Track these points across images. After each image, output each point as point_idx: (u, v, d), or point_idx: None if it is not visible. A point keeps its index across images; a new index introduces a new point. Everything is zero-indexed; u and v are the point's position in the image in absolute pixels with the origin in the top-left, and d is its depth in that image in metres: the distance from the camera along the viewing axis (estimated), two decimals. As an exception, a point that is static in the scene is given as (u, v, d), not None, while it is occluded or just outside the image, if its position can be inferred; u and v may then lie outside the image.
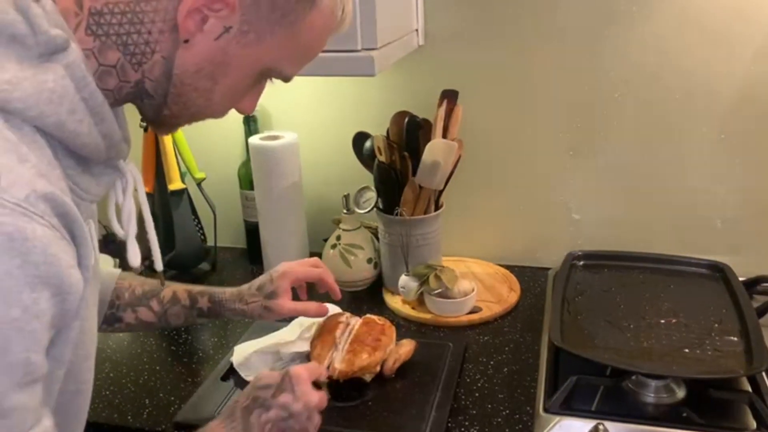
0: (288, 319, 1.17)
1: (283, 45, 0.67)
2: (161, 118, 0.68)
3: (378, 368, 1.10)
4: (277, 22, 0.65)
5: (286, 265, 1.08)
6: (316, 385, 0.89)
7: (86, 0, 0.60)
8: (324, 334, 1.13)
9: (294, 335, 1.16)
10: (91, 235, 0.67)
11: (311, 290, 1.14)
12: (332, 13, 0.69)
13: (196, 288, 1.05)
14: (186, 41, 0.62)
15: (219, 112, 0.70)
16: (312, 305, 1.07)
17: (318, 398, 0.86)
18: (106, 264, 1.46)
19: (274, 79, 0.72)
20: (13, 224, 0.50)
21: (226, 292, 1.06)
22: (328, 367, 1.07)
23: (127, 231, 0.72)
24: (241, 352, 1.16)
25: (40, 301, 0.52)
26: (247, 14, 0.63)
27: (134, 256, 0.72)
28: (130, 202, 0.72)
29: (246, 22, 0.63)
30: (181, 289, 1.04)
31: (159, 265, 0.80)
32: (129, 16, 0.61)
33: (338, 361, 1.07)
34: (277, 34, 0.65)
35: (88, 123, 0.59)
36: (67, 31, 0.58)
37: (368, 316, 1.18)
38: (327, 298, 1.12)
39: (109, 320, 1.00)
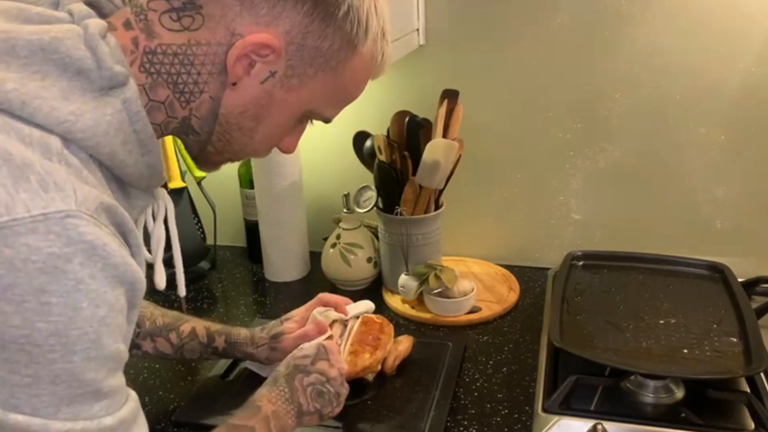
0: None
1: (325, 89, 0.70)
2: (205, 155, 0.72)
3: (379, 367, 1.10)
4: (320, 68, 0.68)
5: (297, 311, 1.13)
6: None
7: (142, 39, 0.64)
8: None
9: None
10: None
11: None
12: (372, 58, 0.72)
13: (214, 326, 1.09)
14: (234, 84, 0.66)
15: (261, 152, 0.75)
16: (311, 327, 1.09)
17: (347, 367, 0.98)
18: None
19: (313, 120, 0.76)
20: (92, 233, 0.55)
21: (240, 334, 1.10)
22: None
23: (155, 255, 0.76)
24: None
25: (120, 297, 0.58)
26: (291, 60, 0.67)
27: (160, 279, 0.77)
28: (160, 228, 0.76)
29: (290, 67, 0.67)
30: (200, 325, 1.09)
31: (182, 291, 0.84)
32: (181, 58, 0.65)
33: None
34: (320, 78, 0.69)
35: (135, 154, 0.64)
36: (127, 67, 0.62)
37: (366, 315, 1.17)
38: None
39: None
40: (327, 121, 0.76)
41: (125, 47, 0.63)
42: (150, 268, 0.76)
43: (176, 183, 1.45)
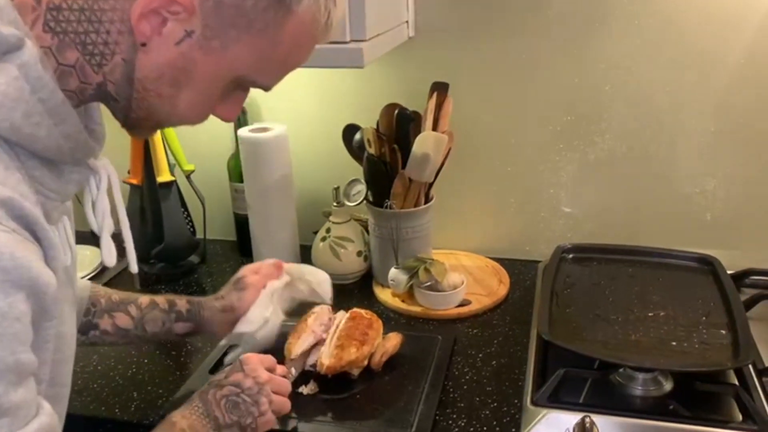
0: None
1: (255, 54, 0.64)
2: (130, 121, 0.66)
3: (365, 362, 1.10)
4: (245, 30, 0.61)
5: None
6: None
7: None
8: (300, 323, 1.13)
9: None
10: (67, 234, 0.66)
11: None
12: (313, 20, 0.64)
13: (175, 296, 1.07)
14: (143, 44, 0.60)
15: (191, 119, 0.68)
16: (267, 265, 1.09)
17: (267, 376, 0.91)
18: (97, 257, 1.46)
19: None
20: None
21: (203, 297, 1.08)
22: (315, 364, 1.07)
23: (101, 229, 0.70)
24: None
25: (17, 303, 0.52)
26: (209, 19, 0.60)
27: (109, 255, 0.71)
28: (104, 200, 0.70)
29: (209, 28, 0.60)
30: (159, 296, 1.06)
31: (134, 267, 0.78)
32: (87, 14, 0.58)
33: (326, 356, 1.06)
34: (245, 41, 0.62)
35: (46, 125, 0.57)
36: (22, 28, 0.56)
37: (355, 310, 1.16)
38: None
39: (85, 328, 0.98)
40: (265, 89, 0.69)
41: (25, 4, 0.57)
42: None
43: (165, 177, 1.44)
